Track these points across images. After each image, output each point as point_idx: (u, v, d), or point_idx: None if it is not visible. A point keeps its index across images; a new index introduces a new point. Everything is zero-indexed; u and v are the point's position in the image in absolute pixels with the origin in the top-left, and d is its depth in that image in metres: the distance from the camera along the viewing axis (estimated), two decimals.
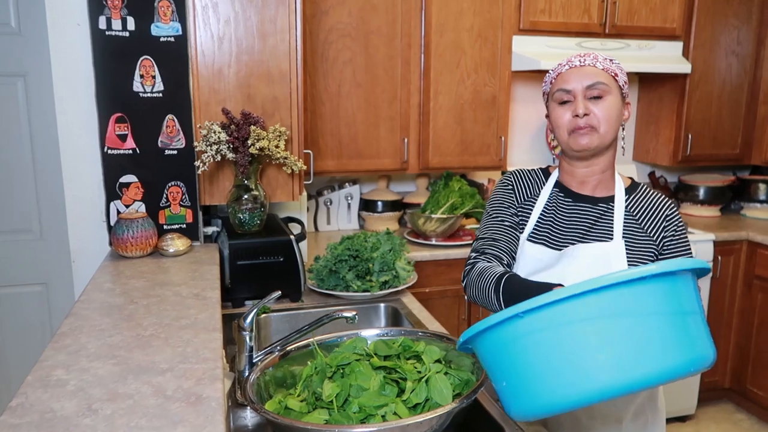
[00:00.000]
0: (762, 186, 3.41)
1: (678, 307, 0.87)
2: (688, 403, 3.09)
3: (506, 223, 1.41)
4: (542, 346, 0.87)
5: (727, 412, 3.19)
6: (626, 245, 1.32)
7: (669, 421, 3.05)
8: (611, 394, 0.85)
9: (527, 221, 1.41)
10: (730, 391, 3.27)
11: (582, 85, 1.29)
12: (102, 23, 1.85)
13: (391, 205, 3.10)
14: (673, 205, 1.37)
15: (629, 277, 0.84)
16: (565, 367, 0.85)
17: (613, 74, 1.31)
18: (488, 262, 1.36)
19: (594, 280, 0.84)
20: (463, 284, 1.39)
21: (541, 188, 1.43)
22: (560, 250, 1.34)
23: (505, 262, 1.37)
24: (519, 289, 1.19)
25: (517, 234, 1.41)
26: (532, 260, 1.37)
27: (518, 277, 1.25)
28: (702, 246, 2.98)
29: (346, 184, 3.13)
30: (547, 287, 1.13)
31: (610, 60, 1.33)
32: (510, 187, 1.45)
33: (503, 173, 3.01)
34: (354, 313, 1.33)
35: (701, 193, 3.46)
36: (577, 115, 1.29)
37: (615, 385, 0.84)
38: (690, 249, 1.35)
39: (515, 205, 1.43)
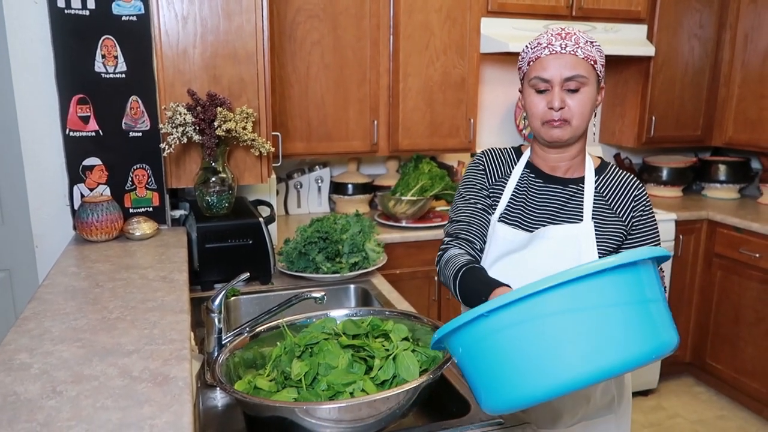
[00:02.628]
0: (722, 167, 3.51)
1: (640, 296, 0.89)
2: (650, 377, 3.20)
3: (478, 206, 1.42)
4: (509, 343, 0.88)
5: (687, 386, 3.31)
6: (595, 226, 1.33)
7: (632, 395, 3.12)
8: (578, 385, 0.87)
9: (498, 202, 1.41)
10: (691, 366, 3.38)
11: (561, 75, 1.25)
12: (60, 1, 1.79)
13: (362, 188, 3.10)
14: (641, 185, 1.39)
15: (590, 271, 0.85)
16: (532, 362, 0.87)
17: (592, 62, 1.27)
18: (459, 248, 1.38)
19: (556, 275, 0.85)
20: (437, 269, 1.43)
21: (513, 168, 1.43)
22: (531, 231, 1.35)
23: (477, 247, 1.40)
24: (473, 285, 1.24)
25: (488, 216, 1.42)
26: (503, 242, 1.37)
27: (476, 271, 1.28)
28: (664, 225, 3.06)
29: (316, 167, 3.12)
30: (497, 284, 1.18)
31: (591, 43, 1.28)
32: (482, 167, 1.45)
33: (473, 155, 3.02)
34: (323, 293, 1.34)
35: (664, 174, 3.54)
36: (552, 107, 1.27)
37: (582, 376, 0.86)
38: (657, 230, 1.38)
39: (487, 187, 1.43)
